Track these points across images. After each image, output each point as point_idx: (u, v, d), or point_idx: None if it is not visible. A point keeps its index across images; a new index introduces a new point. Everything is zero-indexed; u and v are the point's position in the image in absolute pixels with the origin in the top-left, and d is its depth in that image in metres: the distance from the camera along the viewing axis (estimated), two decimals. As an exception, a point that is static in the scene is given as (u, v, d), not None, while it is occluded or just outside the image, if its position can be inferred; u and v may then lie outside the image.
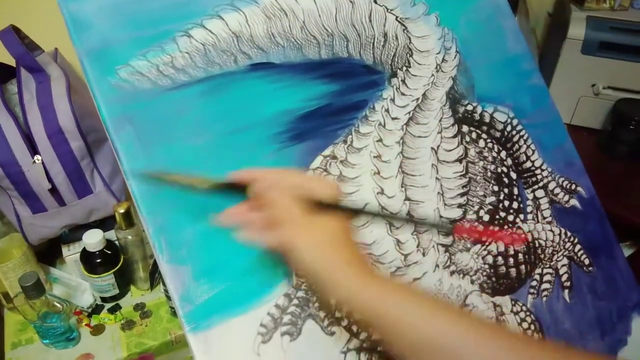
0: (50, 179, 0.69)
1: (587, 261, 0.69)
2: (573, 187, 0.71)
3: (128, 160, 0.47)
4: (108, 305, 0.79)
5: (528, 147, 0.68)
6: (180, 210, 0.48)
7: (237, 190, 0.45)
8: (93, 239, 0.73)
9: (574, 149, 0.73)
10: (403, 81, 0.62)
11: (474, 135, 0.65)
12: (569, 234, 0.68)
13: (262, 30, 0.55)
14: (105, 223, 0.80)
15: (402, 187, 0.59)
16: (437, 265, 0.59)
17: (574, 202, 0.70)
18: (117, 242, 0.78)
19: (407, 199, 0.59)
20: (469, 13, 0.68)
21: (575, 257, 0.68)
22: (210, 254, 0.48)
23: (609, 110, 0.99)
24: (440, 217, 0.60)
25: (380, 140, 0.59)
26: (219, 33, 0.53)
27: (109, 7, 0.50)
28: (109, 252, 0.75)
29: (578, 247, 0.69)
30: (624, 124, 0.95)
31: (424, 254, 0.58)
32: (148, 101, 0.49)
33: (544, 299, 0.64)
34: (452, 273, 0.59)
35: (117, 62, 0.49)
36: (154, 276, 0.81)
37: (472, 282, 0.61)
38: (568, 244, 0.68)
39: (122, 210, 0.73)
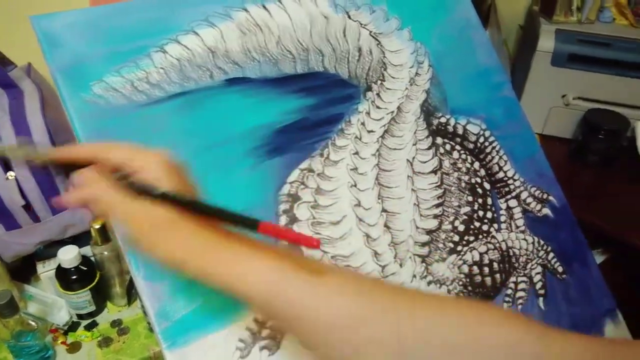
0: (24, 196, 0.68)
1: (560, 269, 0.70)
2: (545, 196, 0.72)
3: (103, 176, 0.47)
4: (84, 322, 0.78)
5: (500, 157, 0.70)
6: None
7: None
8: (68, 255, 0.71)
9: (545, 159, 0.74)
10: (378, 95, 0.63)
11: (448, 147, 0.66)
12: (542, 242, 0.70)
13: (237, 46, 0.56)
14: (81, 238, 0.79)
15: (378, 199, 0.59)
16: (414, 276, 0.59)
17: (546, 211, 0.72)
18: (93, 258, 0.77)
19: (383, 210, 0.59)
20: (440, 27, 0.70)
21: (549, 265, 0.70)
22: (187, 270, 0.48)
23: (579, 120, 1.02)
24: (417, 227, 0.61)
25: (356, 153, 0.60)
26: (194, 48, 0.54)
27: (82, 23, 0.50)
28: (85, 268, 0.74)
29: (551, 255, 0.70)
30: (594, 134, 0.98)
31: (401, 265, 0.59)
32: (123, 117, 0.49)
33: (519, 307, 0.65)
34: (429, 283, 0.60)
35: (90, 78, 0.48)
36: (131, 292, 0.80)
37: (449, 291, 0.61)
38: (541, 252, 0.70)
39: (97, 226, 0.72)
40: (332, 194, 0.57)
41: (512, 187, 0.70)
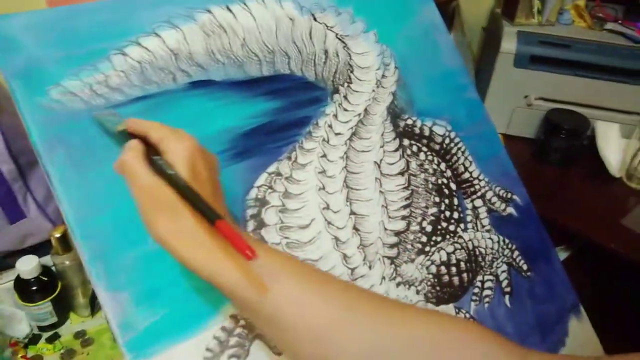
0: (-22, 204, 0.66)
1: (525, 266, 0.72)
2: (509, 195, 0.74)
3: (61, 185, 0.45)
4: (46, 335, 0.75)
5: (466, 158, 0.71)
6: (118, 235, 0.46)
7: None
8: (27, 266, 0.69)
9: (508, 159, 0.76)
10: (345, 97, 0.63)
11: (414, 148, 0.66)
12: (507, 241, 0.71)
13: (201, 48, 0.55)
14: (40, 248, 0.76)
15: (347, 201, 0.59)
16: (383, 278, 0.60)
17: (510, 210, 0.73)
18: (53, 268, 0.75)
19: (352, 213, 0.59)
20: (406, 30, 0.70)
21: (514, 263, 0.71)
22: (151, 278, 0.47)
23: (541, 120, 1.04)
24: (385, 229, 0.61)
25: (324, 155, 0.59)
26: (156, 51, 0.52)
27: (37, 24, 0.48)
28: (45, 279, 0.72)
29: (516, 253, 0.71)
30: (555, 133, 1.00)
31: (370, 267, 0.59)
32: (81, 122, 0.47)
33: (486, 305, 0.66)
34: (398, 284, 0.60)
35: (47, 82, 0.47)
36: (95, 302, 0.78)
37: (418, 292, 0.62)
38: (507, 251, 0.71)
39: (58, 235, 0.69)
40: (300, 197, 0.57)
41: (477, 187, 0.71)
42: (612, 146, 1.00)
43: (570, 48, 0.98)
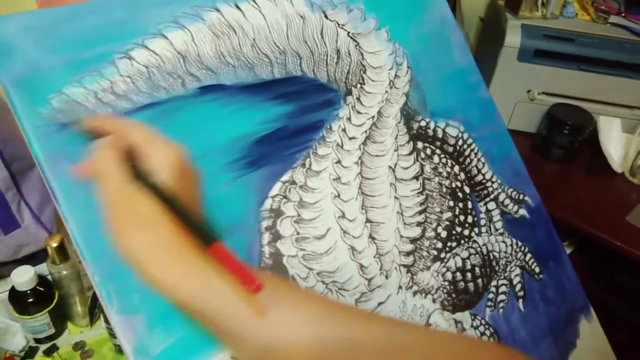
0: (-31, 214, 0.62)
1: (537, 269, 0.71)
2: (521, 197, 0.72)
3: (67, 202, 0.42)
4: (43, 347, 0.72)
5: (479, 160, 0.69)
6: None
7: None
8: (23, 278, 0.65)
9: (519, 158, 0.74)
10: (358, 99, 0.60)
11: (428, 151, 0.64)
12: (519, 243, 0.70)
13: (210, 50, 0.51)
14: (35, 256, 0.73)
15: (362, 209, 0.57)
16: (400, 287, 0.58)
17: (522, 211, 0.72)
18: (49, 277, 0.71)
19: (367, 220, 0.57)
20: (417, 27, 0.68)
21: (527, 266, 0.70)
22: (165, 300, 0.44)
23: (543, 114, 1.03)
24: (401, 237, 0.59)
25: (338, 161, 0.57)
26: (163, 53, 0.49)
27: (36, 27, 0.44)
28: (42, 289, 0.68)
29: (529, 255, 0.70)
30: (558, 128, 0.99)
31: (387, 277, 0.57)
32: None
33: (501, 310, 0.65)
34: (414, 293, 0.59)
35: (48, 90, 0.43)
36: (94, 311, 0.74)
37: (434, 300, 0.60)
38: (520, 254, 0.70)
39: (55, 244, 0.66)
40: (315, 206, 0.54)
41: (490, 189, 0.69)
42: (614, 141, 1.00)
43: (574, 42, 0.97)
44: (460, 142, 0.68)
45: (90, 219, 0.42)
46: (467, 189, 0.67)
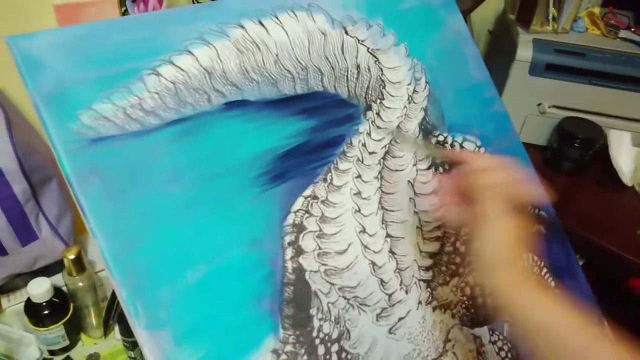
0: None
1: (553, 283, 0.71)
2: (536, 211, 0.72)
3: (96, 217, 0.42)
4: (57, 359, 0.72)
5: (495, 174, 0.69)
6: (156, 269, 0.44)
7: None
8: (40, 289, 0.65)
9: (535, 173, 0.75)
10: (378, 114, 0.60)
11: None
12: (535, 258, 0.70)
13: (234, 66, 0.52)
14: (49, 267, 0.73)
15: (382, 223, 0.57)
16: (419, 302, 0.58)
17: (538, 226, 0.72)
18: (64, 288, 0.71)
19: (388, 235, 0.57)
20: (434, 42, 0.68)
21: (543, 281, 0.70)
22: (191, 314, 0.44)
23: (553, 128, 1.03)
24: (420, 251, 0.59)
25: (359, 176, 0.57)
26: (189, 70, 0.49)
27: (65, 44, 0.44)
28: (57, 301, 0.68)
29: (544, 270, 0.70)
30: (569, 142, 0.99)
31: (407, 292, 0.57)
32: (116, 149, 0.44)
33: (518, 325, 0.65)
34: (434, 309, 0.59)
35: (78, 106, 0.43)
36: (108, 322, 0.74)
37: (453, 315, 0.60)
38: (535, 269, 0.70)
39: (72, 256, 0.66)
40: (336, 221, 0.54)
41: (506, 203, 0.69)
42: (625, 155, 1.00)
43: (585, 56, 0.97)
44: (477, 157, 0.68)
45: (118, 236, 0.43)
46: (484, 204, 0.67)
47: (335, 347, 0.51)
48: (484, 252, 0.46)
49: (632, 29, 1.03)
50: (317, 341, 0.50)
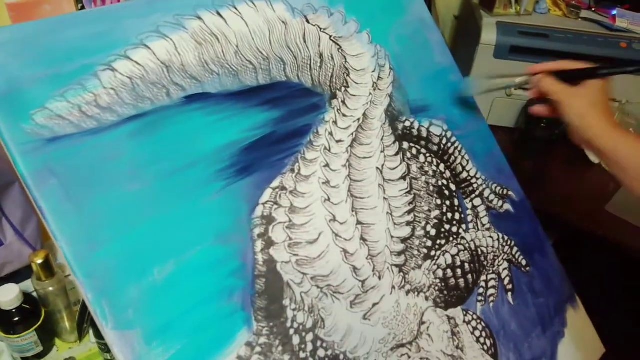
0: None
1: (524, 262, 0.72)
2: (505, 192, 0.73)
3: (55, 220, 0.41)
4: (31, 366, 0.70)
5: (463, 157, 0.70)
6: (121, 268, 0.43)
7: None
8: (8, 296, 0.64)
9: (501, 153, 0.76)
10: (343, 102, 0.60)
11: (414, 151, 0.65)
12: (506, 237, 0.71)
13: (193, 58, 0.51)
14: (17, 273, 0.71)
15: (352, 211, 0.57)
16: (393, 287, 0.58)
17: (507, 206, 0.73)
18: (34, 294, 0.69)
19: (358, 223, 0.57)
20: (397, 28, 0.68)
21: (514, 260, 0.71)
22: (160, 312, 0.44)
23: (521, 110, 1.05)
24: (392, 237, 0.60)
25: (327, 165, 0.57)
26: (146, 64, 0.48)
27: (15, 42, 0.43)
28: (28, 307, 0.67)
29: (515, 249, 0.72)
30: (536, 123, 1.01)
31: (380, 278, 0.57)
32: (73, 148, 0.43)
33: (491, 304, 0.66)
34: (407, 292, 0.59)
35: (30, 105, 0.42)
36: (82, 326, 0.73)
37: (427, 298, 0.61)
38: (506, 248, 0.71)
39: (40, 261, 0.64)
40: (306, 211, 0.54)
41: (475, 185, 0.70)
42: (590, 133, 1.02)
43: (549, 38, 0.99)
44: (444, 141, 0.69)
45: (80, 237, 0.42)
46: (453, 187, 0.68)
47: (310, 336, 0.51)
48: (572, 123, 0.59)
49: (593, 9, 1.05)
50: (292, 331, 0.50)
